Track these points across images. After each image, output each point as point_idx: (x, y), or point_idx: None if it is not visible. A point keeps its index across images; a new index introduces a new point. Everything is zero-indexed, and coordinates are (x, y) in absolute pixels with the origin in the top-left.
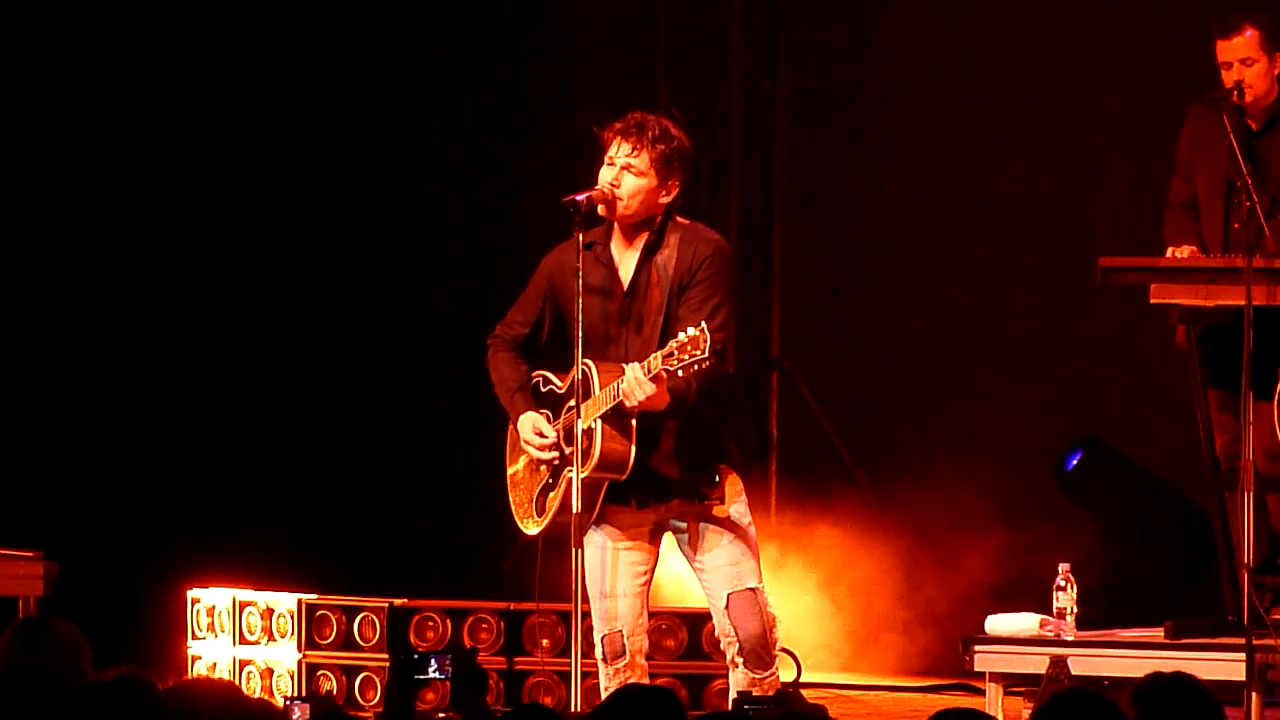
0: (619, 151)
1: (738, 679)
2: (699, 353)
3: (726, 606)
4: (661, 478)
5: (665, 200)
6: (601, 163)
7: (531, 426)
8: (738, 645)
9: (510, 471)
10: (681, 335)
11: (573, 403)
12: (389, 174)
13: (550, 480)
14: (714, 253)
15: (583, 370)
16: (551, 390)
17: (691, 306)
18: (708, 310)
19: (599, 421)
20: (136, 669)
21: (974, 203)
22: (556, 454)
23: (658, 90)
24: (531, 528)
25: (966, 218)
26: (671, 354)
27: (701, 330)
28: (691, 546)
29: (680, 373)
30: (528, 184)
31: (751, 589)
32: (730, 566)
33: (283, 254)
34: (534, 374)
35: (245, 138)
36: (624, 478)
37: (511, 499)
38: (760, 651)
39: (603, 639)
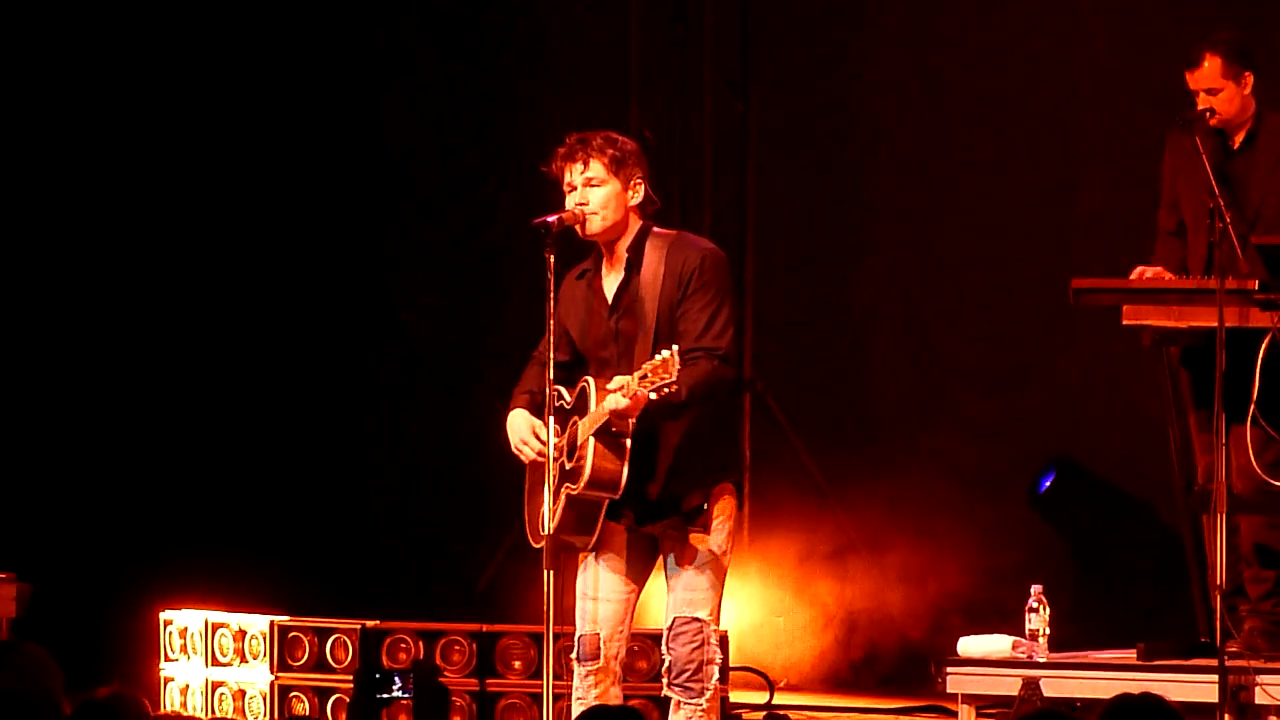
0: (574, 174)
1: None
2: (669, 376)
3: (669, 627)
4: (652, 500)
5: (635, 200)
6: (564, 195)
7: (529, 427)
8: (671, 670)
9: (527, 485)
10: (656, 357)
11: (575, 419)
12: (362, 198)
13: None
14: (704, 259)
15: (582, 388)
16: (562, 405)
17: (690, 317)
18: (705, 318)
19: (592, 439)
20: (127, 688)
21: (946, 224)
22: (537, 455)
23: (630, 112)
24: (537, 541)
25: (938, 238)
26: (645, 375)
27: (673, 354)
28: (667, 566)
29: (653, 395)
30: (500, 208)
31: (698, 619)
32: (686, 592)
33: (256, 278)
34: (552, 389)
35: (219, 164)
36: (618, 495)
37: (526, 512)
38: (689, 683)
39: (580, 638)
